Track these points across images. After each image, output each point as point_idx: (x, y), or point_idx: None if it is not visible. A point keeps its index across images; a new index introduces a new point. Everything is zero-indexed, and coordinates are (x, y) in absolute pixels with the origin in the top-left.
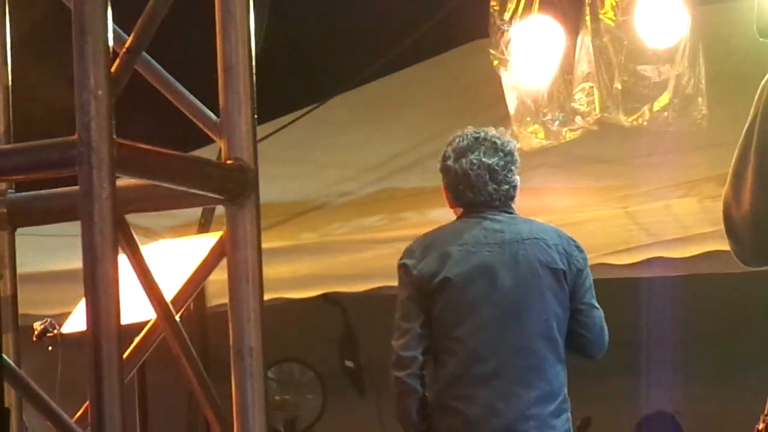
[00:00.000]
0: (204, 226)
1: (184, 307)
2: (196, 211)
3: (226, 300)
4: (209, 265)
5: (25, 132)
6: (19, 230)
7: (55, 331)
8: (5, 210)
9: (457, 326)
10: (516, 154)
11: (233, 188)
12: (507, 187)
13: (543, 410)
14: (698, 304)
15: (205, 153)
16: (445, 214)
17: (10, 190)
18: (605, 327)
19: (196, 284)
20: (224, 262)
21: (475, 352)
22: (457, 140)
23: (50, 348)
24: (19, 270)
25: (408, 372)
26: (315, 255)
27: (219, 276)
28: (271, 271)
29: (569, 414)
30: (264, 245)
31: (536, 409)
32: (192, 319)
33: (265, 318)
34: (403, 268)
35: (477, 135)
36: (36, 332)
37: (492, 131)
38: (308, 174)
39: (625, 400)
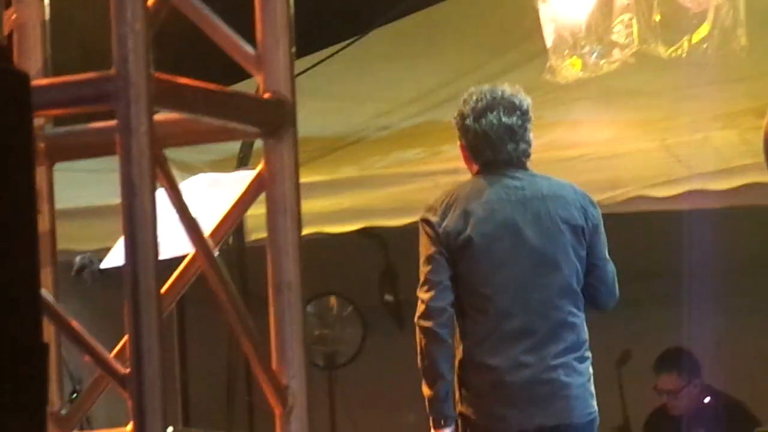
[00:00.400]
0: (242, 161)
1: (222, 241)
2: (235, 146)
3: (264, 235)
4: (247, 200)
5: (63, 68)
6: (58, 166)
7: (94, 267)
8: (43, 145)
9: (484, 284)
10: (531, 112)
11: (271, 122)
12: (525, 146)
13: (569, 358)
14: (737, 237)
15: (244, 88)
16: None
17: (48, 126)
18: (616, 280)
19: (234, 219)
20: (263, 196)
21: (504, 309)
22: (474, 99)
23: (89, 283)
24: (58, 206)
25: (438, 322)
26: (354, 189)
27: (258, 211)
28: (309, 205)
29: (590, 361)
30: (302, 179)
31: (564, 358)
32: (230, 254)
33: (304, 252)
34: (427, 224)
35: (495, 94)
36: (75, 268)
37: (508, 89)
38: (347, 108)
39: (664, 333)
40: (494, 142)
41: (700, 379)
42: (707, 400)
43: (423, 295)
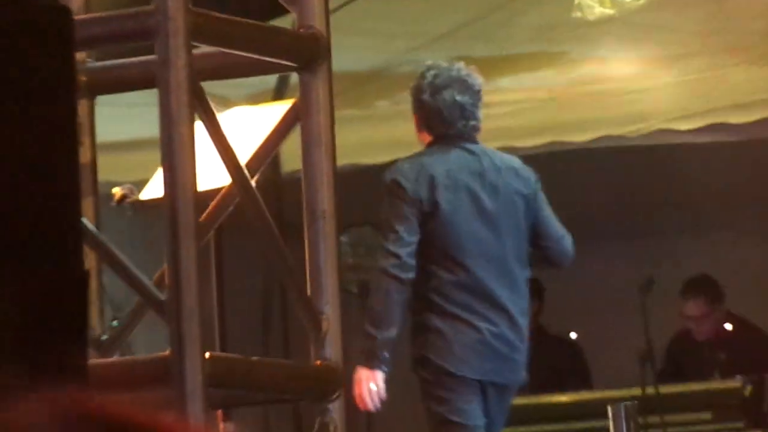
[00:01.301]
0: (278, 94)
1: (259, 172)
2: (271, 80)
3: (300, 166)
4: (283, 131)
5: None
6: (100, 99)
7: (135, 197)
8: (85, 79)
9: (450, 246)
10: (482, 92)
11: (306, 56)
12: (474, 122)
13: (523, 320)
14: (757, 169)
15: (280, 23)
16: (510, 83)
17: (89, 60)
18: (568, 241)
19: (270, 150)
20: (298, 128)
21: (469, 269)
22: (432, 75)
23: (129, 213)
24: (100, 138)
25: (408, 277)
26: (387, 121)
27: (293, 143)
28: (343, 137)
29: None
30: (337, 112)
31: (518, 320)
32: (267, 185)
33: (338, 183)
34: (399, 186)
35: (451, 72)
36: (116, 198)
37: (464, 69)
38: (379, 44)
39: (685, 261)
40: (447, 118)
41: (724, 305)
42: (729, 326)
43: (396, 249)
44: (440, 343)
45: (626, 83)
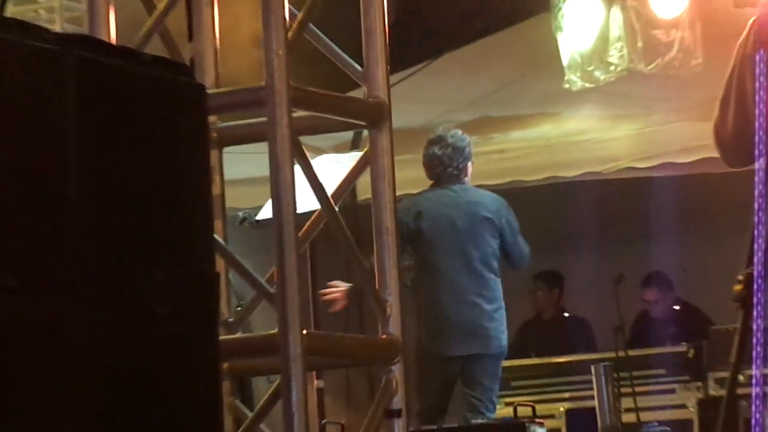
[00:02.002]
0: (354, 144)
1: (341, 200)
2: (348, 134)
3: (370, 195)
4: (358, 171)
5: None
6: (226, 148)
7: (252, 219)
8: (216, 135)
9: (432, 256)
10: (465, 149)
11: (374, 117)
12: (452, 170)
13: (489, 306)
14: (696, 195)
15: (355, 94)
16: (519, 135)
17: (218, 121)
18: (524, 251)
19: (349, 184)
20: (368, 169)
21: (448, 276)
22: (431, 137)
23: (248, 229)
24: (227, 177)
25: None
26: None
27: (365, 178)
28: (401, 175)
29: (504, 312)
30: (396, 157)
31: (485, 306)
32: (346, 209)
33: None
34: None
35: (442, 134)
36: (238, 220)
37: (454, 133)
38: (426, 108)
39: (647, 261)
40: (431, 166)
41: (673, 292)
42: (677, 307)
43: None
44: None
45: (602, 134)
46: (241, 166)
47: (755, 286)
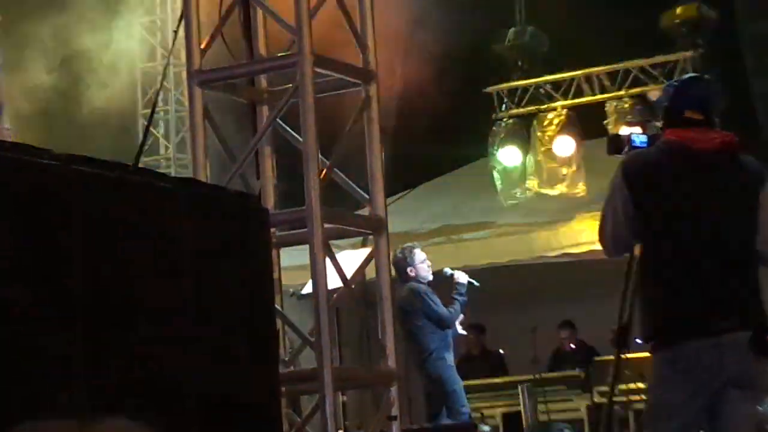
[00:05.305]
0: (364, 244)
1: (355, 280)
2: (359, 239)
3: (374, 275)
4: (367, 260)
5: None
6: (283, 249)
7: (299, 293)
8: (275, 240)
9: None
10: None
11: (375, 227)
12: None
13: None
14: (587, 275)
15: (361, 212)
16: (472, 235)
17: (277, 230)
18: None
19: (361, 269)
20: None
21: None
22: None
23: (298, 299)
24: (283, 264)
25: None
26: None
27: (372, 264)
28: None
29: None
30: (392, 252)
31: None
32: (359, 286)
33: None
34: None
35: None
36: (290, 294)
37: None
38: (407, 219)
39: (557, 312)
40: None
41: (575, 333)
42: (573, 346)
43: None
44: None
45: (524, 235)
46: (292, 259)
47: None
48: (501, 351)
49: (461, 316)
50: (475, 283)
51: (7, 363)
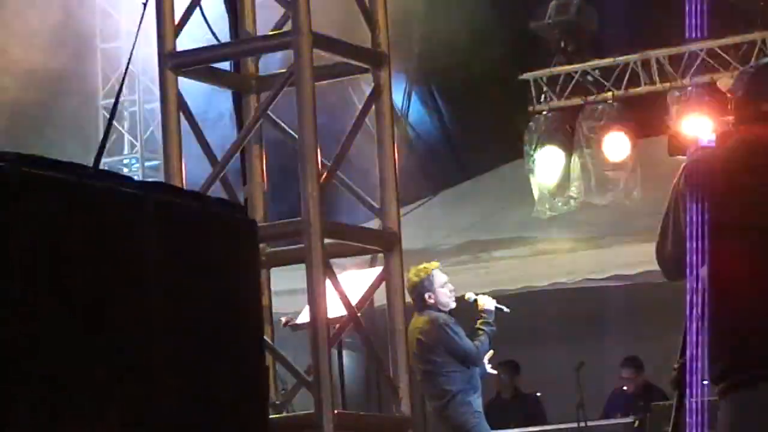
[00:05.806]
0: (372, 263)
1: (362, 307)
2: (367, 257)
3: (384, 302)
4: (376, 283)
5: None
6: (273, 269)
7: (294, 321)
8: (265, 258)
9: None
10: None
11: (387, 244)
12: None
13: None
14: (638, 299)
15: (371, 225)
16: (501, 254)
17: (267, 246)
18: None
19: (369, 294)
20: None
21: None
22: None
23: (292, 331)
24: (274, 288)
25: None
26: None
27: (381, 291)
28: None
29: None
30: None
31: None
32: (366, 313)
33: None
34: None
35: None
36: (283, 322)
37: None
38: (425, 234)
39: (608, 350)
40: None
41: (642, 373)
42: (625, 388)
43: None
44: None
45: (564, 253)
46: (285, 281)
47: (688, 372)
48: (538, 394)
49: (490, 352)
50: (505, 309)
51: None
